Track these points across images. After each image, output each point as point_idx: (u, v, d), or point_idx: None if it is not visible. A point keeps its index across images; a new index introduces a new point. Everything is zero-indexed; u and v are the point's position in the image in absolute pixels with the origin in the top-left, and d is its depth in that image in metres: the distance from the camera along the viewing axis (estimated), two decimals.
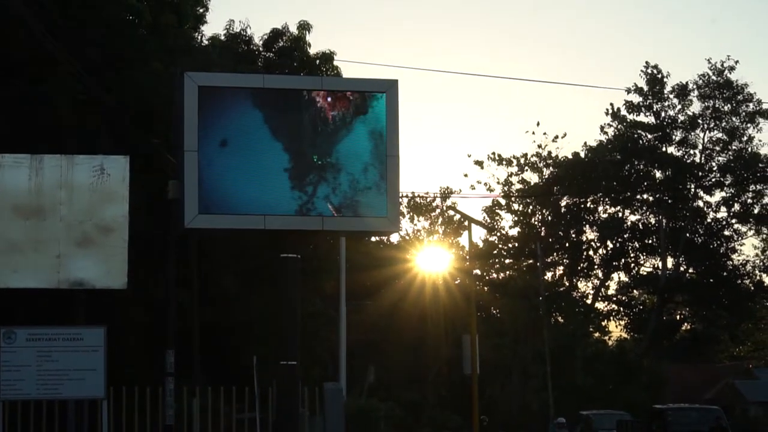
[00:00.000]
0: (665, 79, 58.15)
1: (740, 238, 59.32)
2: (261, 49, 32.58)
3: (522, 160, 59.74)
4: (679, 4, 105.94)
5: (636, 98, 58.28)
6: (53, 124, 24.54)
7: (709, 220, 59.39)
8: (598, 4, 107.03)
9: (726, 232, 59.21)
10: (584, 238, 61.37)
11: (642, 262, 61.17)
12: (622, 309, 61.97)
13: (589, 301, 61.13)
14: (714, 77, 57.33)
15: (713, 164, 58.37)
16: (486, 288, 61.62)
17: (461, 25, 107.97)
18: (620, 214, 60.47)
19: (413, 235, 61.52)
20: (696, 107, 58.11)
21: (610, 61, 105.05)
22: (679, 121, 58.26)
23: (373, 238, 43.32)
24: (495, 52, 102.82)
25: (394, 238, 53.56)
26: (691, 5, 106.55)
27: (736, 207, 58.57)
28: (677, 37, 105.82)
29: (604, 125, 59.55)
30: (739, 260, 59.22)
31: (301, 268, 12.59)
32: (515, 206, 60.67)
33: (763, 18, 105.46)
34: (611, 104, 59.36)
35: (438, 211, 62.36)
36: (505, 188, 60.24)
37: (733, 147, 57.75)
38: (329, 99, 12.03)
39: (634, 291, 62.68)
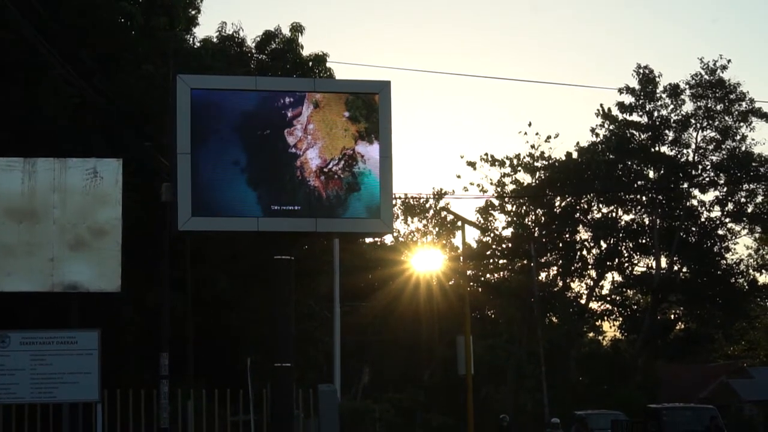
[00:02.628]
0: (657, 79, 58.14)
1: (734, 237, 59.28)
2: (254, 51, 32.52)
3: (515, 161, 59.73)
4: (671, 4, 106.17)
5: (628, 99, 58.25)
6: (47, 127, 24.51)
7: (702, 220, 59.31)
8: (590, 5, 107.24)
9: (720, 232, 59.08)
10: (578, 238, 61.30)
11: (636, 261, 61.09)
12: (616, 309, 61.88)
13: (583, 301, 61.11)
14: (706, 76, 57.27)
15: (706, 163, 58.28)
16: (480, 288, 61.62)
17: (453, 26, 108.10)
18: (614, 214, 60.43)
19: (407, 237, 61.56)
20: (688, 106, 58.11)
21: (603, 60, 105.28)
22: (672, 120, 58.19)
23: (366, 240, 43.32)
24: (487, 53, 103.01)
25: (388, 239, 53.64)
26: (683, 5, 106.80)
27: (730, 206, 58.48)
28: (669, 36, 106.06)
29: (595, 126, 59.58)
30: (732, 259, 59.22)
31: (295, 269, 12.60)
32: (508, 207, 60.63)
33: (755, 18, 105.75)
34: (601, 105, 59.42)
35: (431, 212, 62.39)
36: (498, 189, 60.22)
37: (726, 146, 57.66)
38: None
39: (628, 291, 62.59)
